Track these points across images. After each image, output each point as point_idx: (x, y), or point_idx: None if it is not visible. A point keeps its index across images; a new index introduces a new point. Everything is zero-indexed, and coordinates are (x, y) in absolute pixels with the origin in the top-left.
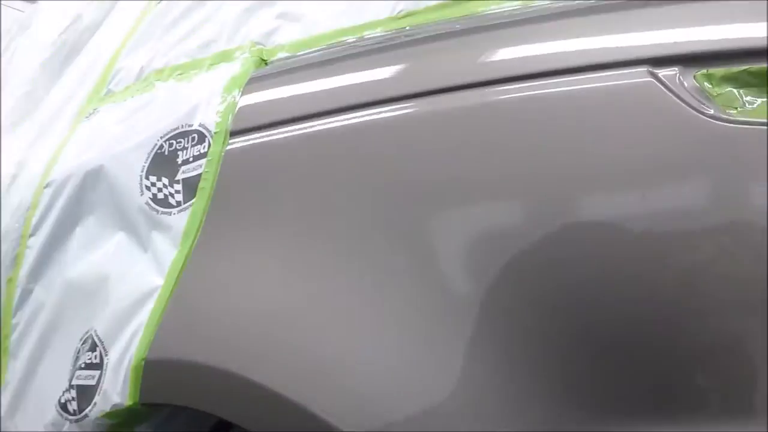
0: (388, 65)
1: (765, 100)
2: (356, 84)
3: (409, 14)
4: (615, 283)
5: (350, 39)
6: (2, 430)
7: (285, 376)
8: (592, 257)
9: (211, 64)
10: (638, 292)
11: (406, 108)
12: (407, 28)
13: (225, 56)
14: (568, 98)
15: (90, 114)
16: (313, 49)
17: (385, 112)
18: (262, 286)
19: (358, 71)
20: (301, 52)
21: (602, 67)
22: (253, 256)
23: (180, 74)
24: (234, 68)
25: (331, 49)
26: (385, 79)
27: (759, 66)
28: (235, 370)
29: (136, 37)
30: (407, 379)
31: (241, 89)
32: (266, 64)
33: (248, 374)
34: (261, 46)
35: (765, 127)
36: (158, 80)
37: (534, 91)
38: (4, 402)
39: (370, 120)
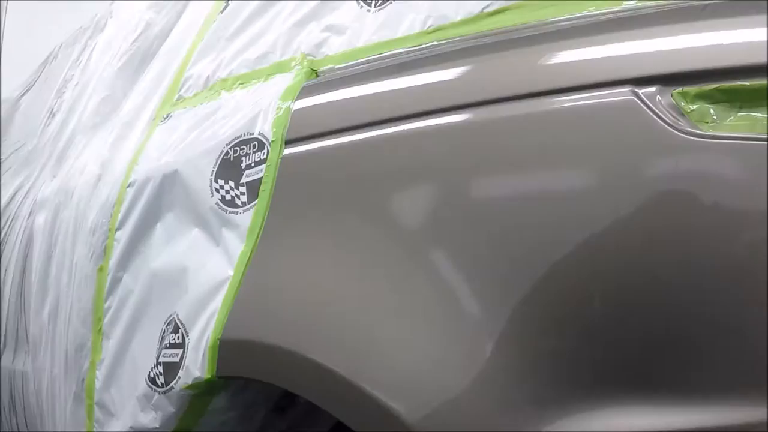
0: (427, 79)
1: (733, 117)
2: (398, 96)
3: (437, 29)
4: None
5: (389, 52)
6: (99, 400)
7: (336, 355)
8: (579, 263)
9: (269, 75)
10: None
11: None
12: (434, 42)
13: (281, 67)
14: (563, 115)
15: (164, 118)
16: (358, 61)
17: (421, 124)
18: (315, 277)
19: (400, 84)
20: (347, 63)
21: (592, 87)
22: (306, 251)
23: (242, 84)
24: (288, 79)
25: (373, 62)
26: (424, 94)
27: (729, 84)
28: (294, 348)
29: (200, 47)
30: (440, 363)
31: (294, 99)
32: (317, 74)
33: (304, 352)
34: (312, 57)
35: (732, 141)
36: (223, 89)
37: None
38: (100, 376)
39: (405, 131)
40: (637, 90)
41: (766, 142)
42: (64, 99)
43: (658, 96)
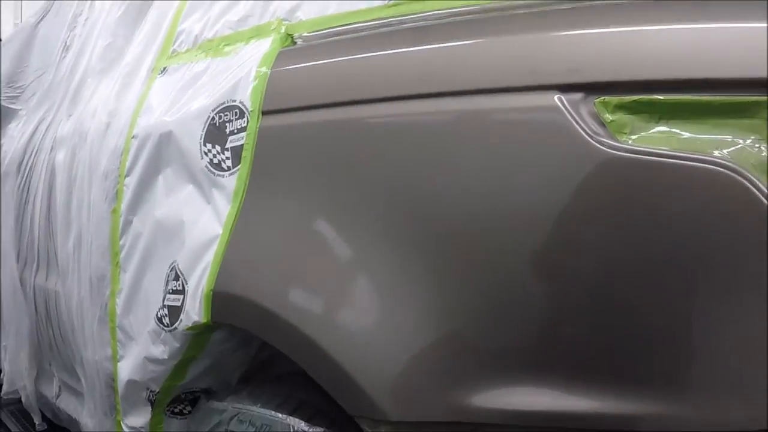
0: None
1: (652, 129)
2: (367, 78)
3: (395, 4)
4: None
5: (357, 23)
6: (119, 324)
7: (300, 314)
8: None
9: (250, 38)
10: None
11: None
12: (395, 16)
13: (260, 31)
14: (481, 116)
15: (162, 71)
16: (331, 29)
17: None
18: (288, 241)
19: (369, 66)
20: (320, 30)
21: (517, 89)
22: (281, 218)
23: (226, 45)
24: (266, 45)
25: (347, 33)
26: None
27: (648, 96)
28: (271, 307)
29: (189, 3)
30: (389, 324)
31: (271, 67)
32: (293, 40)
33: (280, 312)
34: (287, 22)
35: (647, 157)
36: (210, 49)
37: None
38: (120, 303)
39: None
40: (562, 96)
41: (674, 160)
42: (75, 34)
43: (581, 104)
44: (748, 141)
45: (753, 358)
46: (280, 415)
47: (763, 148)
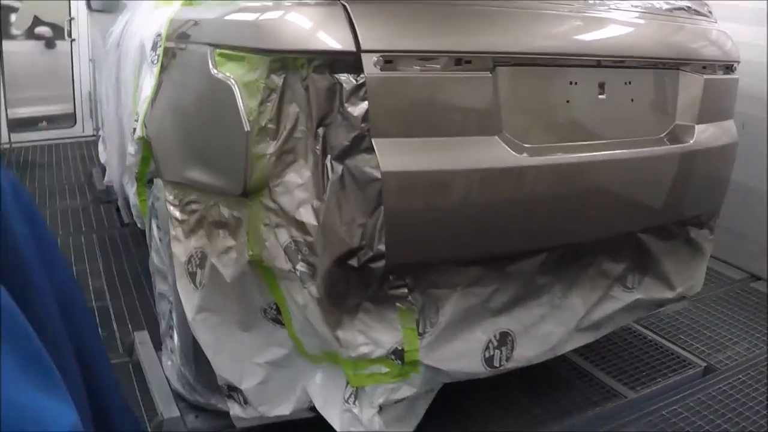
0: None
1: (227, 64)
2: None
3: None
4: None
5: None
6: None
7: (154, 133)
8: None
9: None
10: None
11: None
12: None
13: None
14: (179, 54)
15: (156, 8)
16: None
17: None
18: (169, 102)
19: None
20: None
21: (198, 44)
22: (167, 97)
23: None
24: (177, 6)
25: None
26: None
27: (227, 51)
28: (150, 136)
29: None
30: None
31: (172, 17)
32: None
33: (149, 135)
34: None
35: (219, 73)
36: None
37: None
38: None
39: None
40: (208, 49)
41: (219, 76)
42: None
43: (211, 53)
44: (248, 72)
45: None
46: None
47: (252, 74)
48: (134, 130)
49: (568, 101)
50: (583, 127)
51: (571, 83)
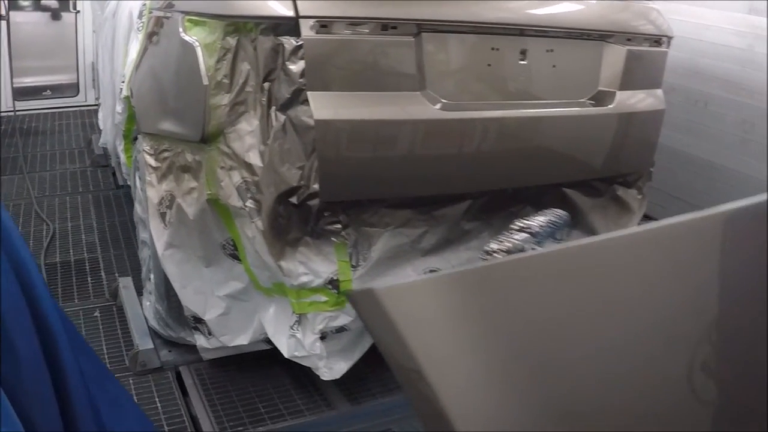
0: None
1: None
2: None
3: None
4: None
5: None
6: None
7: (137, 100)
8: None
9: None
10: None
11: None
12: None
13: None
14: (164, 21)
15: None
16: None
17: None
18: (152, 65)
19: None
20: None
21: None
22: (150, 65)
23: None
24: None
25: None
26: None
27: (194, 18)
28: (132, 100)
29: None
30: None
31: None
32: None
33: (135, 103)
34: None
35: (188, 38)
36: None
37: None
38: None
39: None
40: (180, 16)
41: (189, 39)
42: None
43: (182, 18)
44: (208, 35)
45: None
46: None
47: (212, 36)
48: (121, 90)
49: (489, 65)
50: (505, 88)
51: (492, 49)
